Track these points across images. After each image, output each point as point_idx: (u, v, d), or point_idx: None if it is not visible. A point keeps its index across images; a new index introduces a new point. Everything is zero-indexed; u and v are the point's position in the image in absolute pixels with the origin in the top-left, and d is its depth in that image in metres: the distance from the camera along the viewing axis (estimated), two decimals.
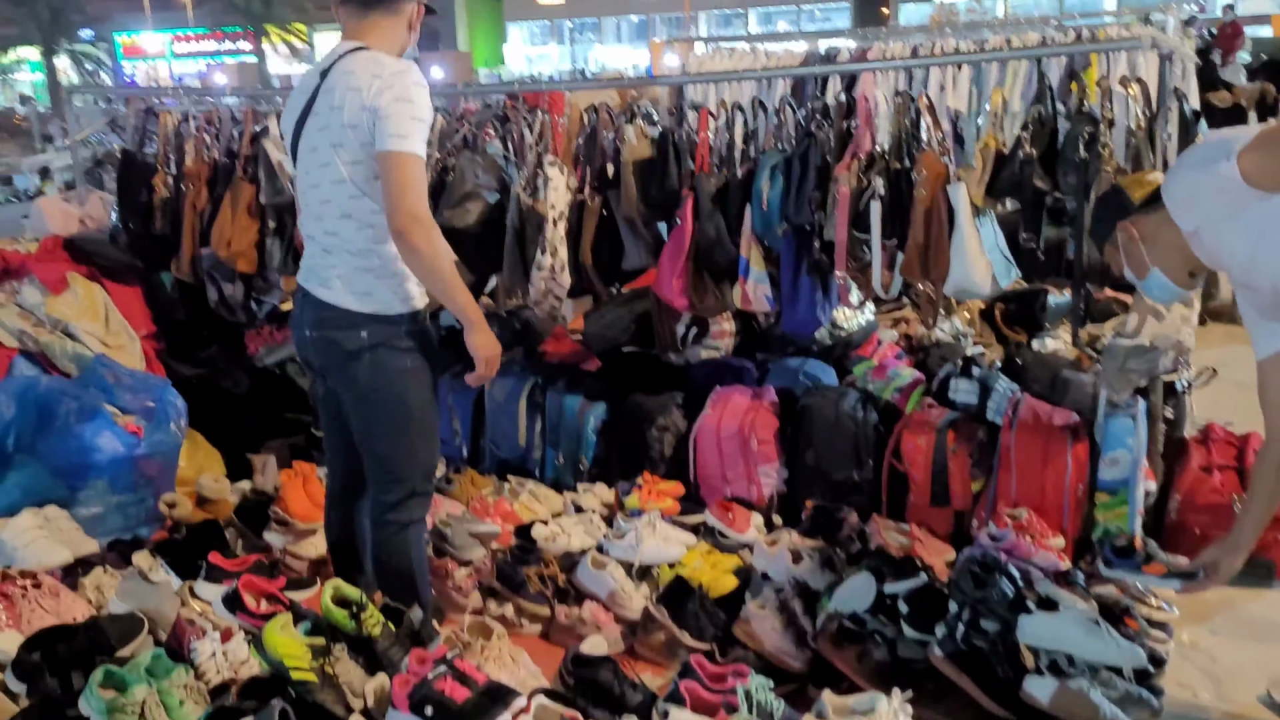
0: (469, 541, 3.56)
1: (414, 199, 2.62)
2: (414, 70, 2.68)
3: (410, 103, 2.62)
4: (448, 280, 2.70)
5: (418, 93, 2.64)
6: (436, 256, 2.66)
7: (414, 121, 2.62)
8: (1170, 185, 2.45)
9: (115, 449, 3.85)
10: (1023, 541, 3.20)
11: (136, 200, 4.48)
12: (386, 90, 2.61)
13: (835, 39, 10.02)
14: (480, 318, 2.78)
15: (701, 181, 3.80)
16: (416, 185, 2.63)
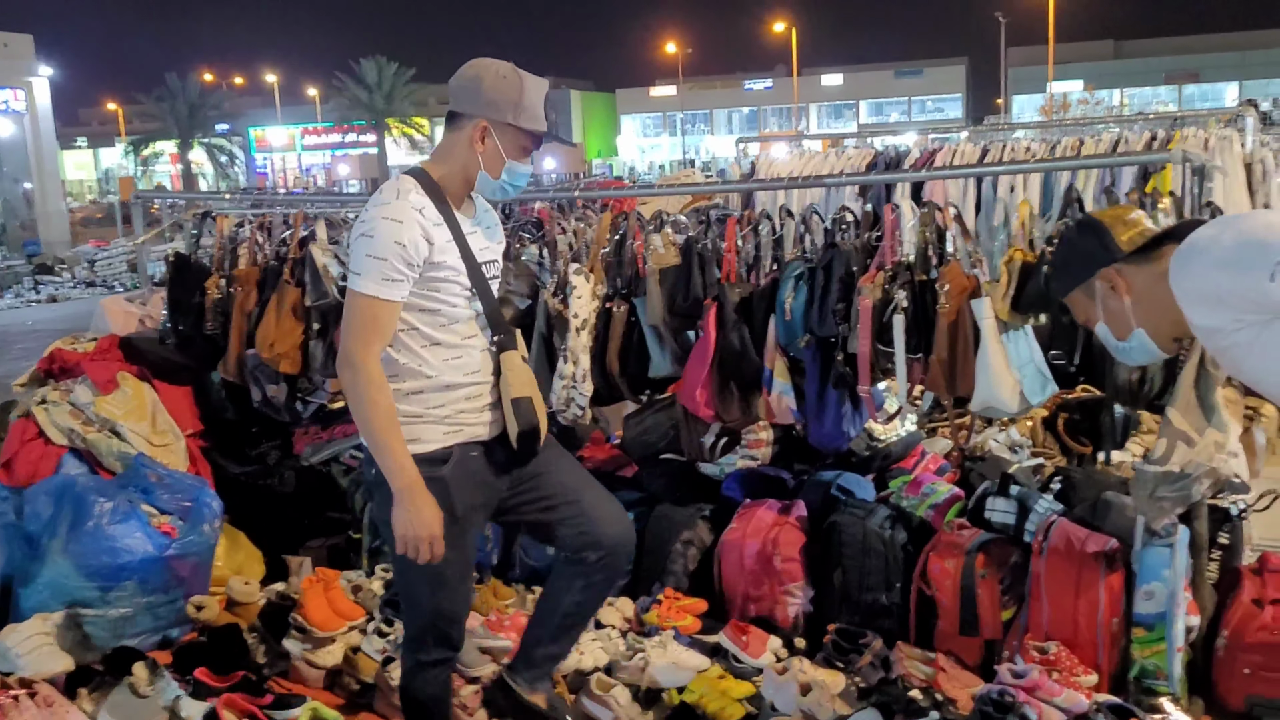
0: (479, 658, 3.50)
1: (349, 340, 2.53)
2: (396, 205, 2.54)
3: (369, 239, 2.51)
4: (371, 434, 2.55)
5: (383, 229, 2.51)
6: (359, 405, 2.53)
7: (368, 259, 2.50)
8: (1188, 276, 2.06)
9: (146, 549, 3.91)
10: (1046, 679, 3.00)
11: (189, 301, 4.63)
12: (360, 223, 2.57)
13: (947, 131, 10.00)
14: (410, 490, 2.53)
15: (725, 291, 3.76)
16: (355, 327, 2.53)
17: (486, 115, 2.62)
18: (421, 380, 2.63)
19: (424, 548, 2.55)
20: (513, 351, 2.74)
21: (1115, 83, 52.66)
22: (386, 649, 3.63)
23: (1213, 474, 2.98)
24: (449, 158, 2.68)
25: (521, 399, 2.69)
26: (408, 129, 57.96)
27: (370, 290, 2.51)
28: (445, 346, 2.66)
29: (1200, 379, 3.03)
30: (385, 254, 2.49)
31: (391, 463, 2.53)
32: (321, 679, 3.68)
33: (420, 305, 2.61)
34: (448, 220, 2.62)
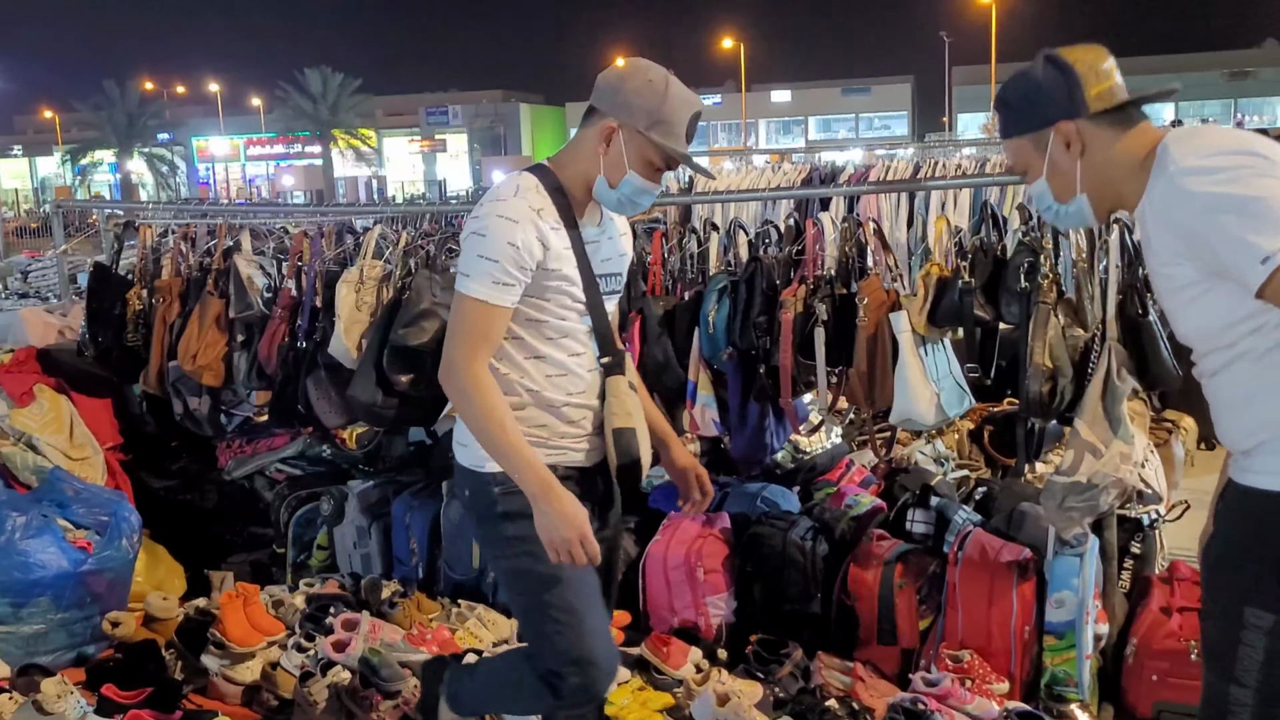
0: (398, 672, 3.47)
1: (454, 346, 2.34)
2: (512, 203, 2.34)
3: (481, 238, 2.32)
4: (491, 439, 2.32)
5: (497, 227, 2.30)
6: (472, 412, 2.33)
7: (479, 260, 2.31)
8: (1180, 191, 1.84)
9: (61, 565, 3.83)
10: (958, 688, 3.04)
11: (109, 312, 4.56)
12: (472, 219, 2.37)
13: (894, 147, 10.15)
14: (545, 489, 2.28)
15: (649, 304, 3.78)
16: (463, 332, 2.34)
17: (618, 116, 2.40)
18: (523, 395, 2.43)
19: (576, 548, 2.29)
20: (620, 377, 2.51)
21: None
22: (306, 664, 3.59)
23: (1119, 484, 3.04)
24: (575, 156, 2.47)
25: (625, 430, 2.46)
26: (354, 140, 57.56)
27: (480, 294, 2.31)
28: (549, 362, 2.45)
29: (1107, 391, 3.10)
30: (498, 255, 2.30)
31: (520, 464, 2.29)
32: (239, 695, 3.63)
33: (527, 314, 2.41)
34: (568, 225, 2.41)
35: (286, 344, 4.26)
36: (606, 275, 2.53)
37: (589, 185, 2.46)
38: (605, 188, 2.44)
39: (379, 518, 4.40)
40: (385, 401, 4.04)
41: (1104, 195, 2.07)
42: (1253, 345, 1.90)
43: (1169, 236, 1.90)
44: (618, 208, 2.51)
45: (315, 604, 3.91)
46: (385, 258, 4.18)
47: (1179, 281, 1.92)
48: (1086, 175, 2.06)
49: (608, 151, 2.41)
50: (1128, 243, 3.26)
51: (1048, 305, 3.18)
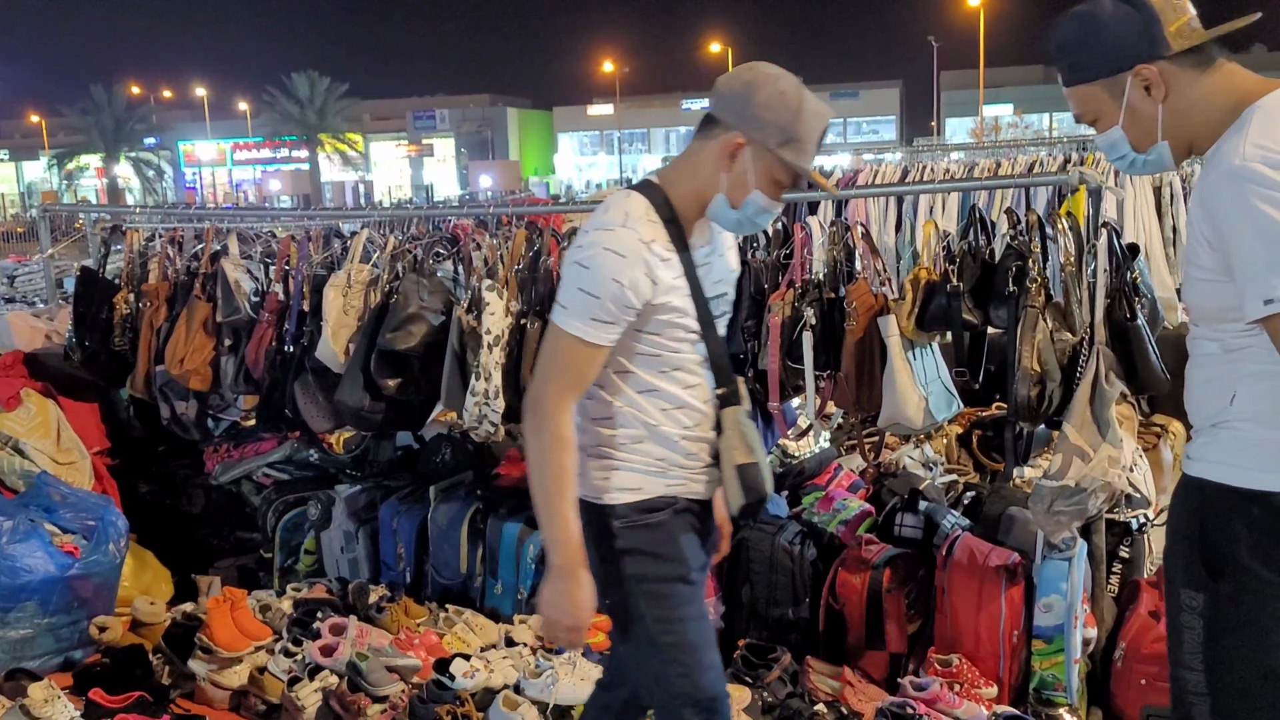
0: (385, 676, 3.46)
1: (543, 383, 2.18)
2: (620, 233, 2.14)
3: (584, 270, 2.13)
4: (543, 495, 2.17)
5: (603, 262, 2.11)
6: (539, 460, 2.17)
7: (580, 295, 2.13)
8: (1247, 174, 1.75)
9: (48, 569, 3.82)
10: (947, 692, 3.05)
11: (96, 317, 4.53)
12: (575, 248, 2.19)
13: (882, 152, 10.20)
14: (574, 569, 2.15)
15: None
16: (553, 370, 2.18)
17: (746, 131, 2.19)
18: (641, 429, 2.27)
19: (567, 636, 2.22)
20: (737, 408, 2.34)
21: (1045, 106, 53.83)
22: (293, 669, 3.58)
23: (1108, 488, 3.05)
24: (691, 172, 2.27)
25: (748, 465, 2.29)
26: (341, 145, 57.46)
27: (576, 330, 2.14)
28: (663, 395, 2.28)
29: (1095, 395, 3.10)
30: (600, 292, 2.11)
31: (558, 534, 2.16)
32: (227, 700, 3.62)
33: (636, 349, 2.24)
34: (679, 252, 2.22)
35: (274, 348, 4.24)
36: (717, 297, 2.36)
37: (704, 204, 2.27)
38: (725, 208, 2.26)
39: (366, 522, 4.39)
40: (372, 406, 4.03)
41: (1184, 140, 1.95)
42: (1228, 338, 1.91)
43: (1204, 218, 1.84)
44: (735, 228, 2.34)
45: (302, 608, 3.90)
46: (373, 262, 4.17)
47: (1198, 258, 1.89)
48: (1168, 121, 1.93)
49: (731, 169, 2.21)
50: (1116, 247, 3.27)
51: (1036, 309, 3.19)
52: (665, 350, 2.26)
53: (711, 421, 2.33)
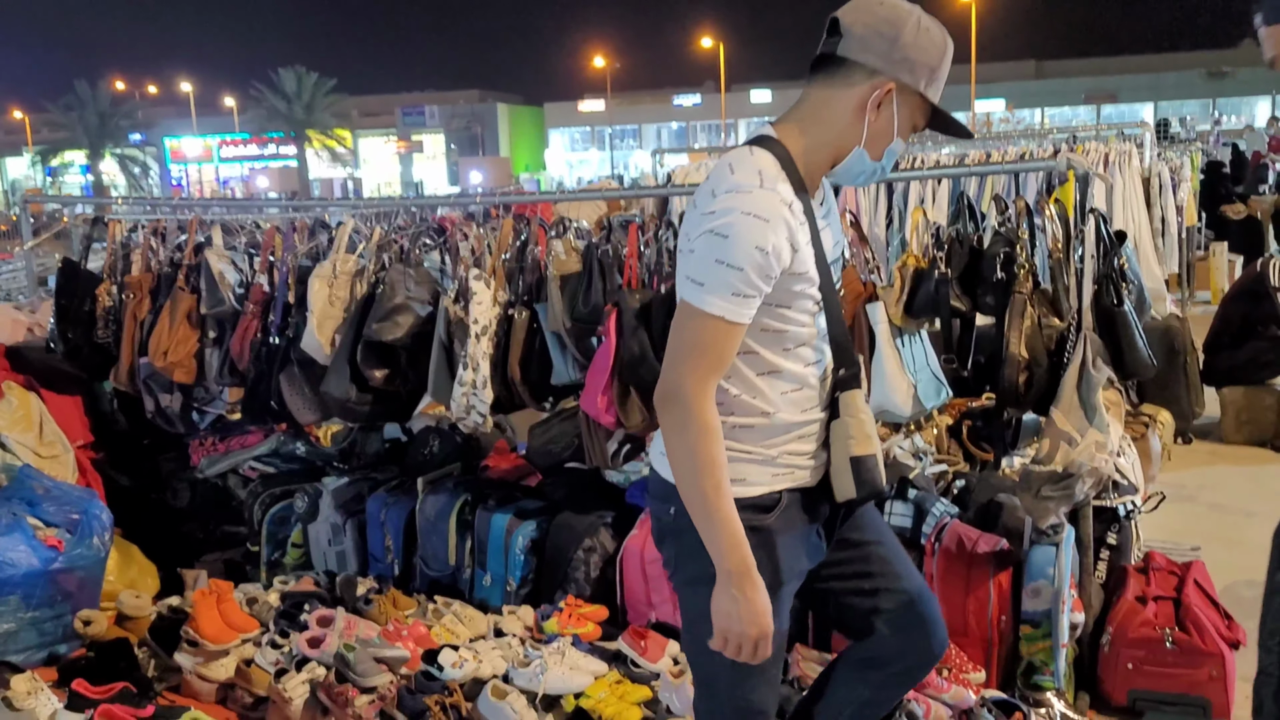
0: (373, 667, 3.44)
1: (679, 369, 1.94)
2: (759, 196, 1.92)
3: (722, 240, 1.89)
4: (696, 494, 1.95)
5: (743, 228, 1.88)
6: (683, 455, 1.95)
7: (719, 268, 1.89)
8: None
9: (31, 563, 3.78)
10: (935, 676, 3.04)
11: (79, 309, 4.50)
12: (704, 217, 1.94)
13: None
14: (746, 573, 1.93)
15: (625, 297, 3.74)
16: (691, 353, 1.93)
17: (897, 74, 1.99)
18: (757, 416, 2.07)
19: (750, 647, 1.97)
20: (858, 391, 2.15)
21: (1036, 102, 53.99)
22: (280, 661, 3.56)
23: (1095, 473, 3.05)
24: (821, 121, 2.04)
25: (867, 457, 2.10)
26: (329, 141, 57.30)
27: (717, 309, 1.90)
28: (785, 376, 2.08)
29: (1082, 381, 3.11)
30: (742, 262, 1.89)
31: (721, 536, 1.93)
32: (214, 693, 3.60)
33: (765, 324, 2.01)
34: (807, 214, 2.01)
35: (259, 340, 4.22)
36: (834, 262, 2.15)
37: (837, 158, 2.07)
38: (864, 161, 2.07)
39: (354, 515, 4.37)
40: (359, 397, 4.02)
41: None
42: None
43: None
44: (863, 181, 2.16)
45: (290, 601, 3.88)
46: (358, 252, 4.15)
47: None
48: None
49: (878, 117, 2.02)
50: (1103, 233, 3.27)
51: (1023, 296, 3.19)
52: (792, 325, 2.05)
53: (825, 400, 2.14)
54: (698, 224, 1.96)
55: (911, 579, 2.31)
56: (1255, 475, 5.76)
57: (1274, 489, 5.49)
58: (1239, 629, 3.40)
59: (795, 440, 2.12)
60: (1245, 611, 3.84)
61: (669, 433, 1.98)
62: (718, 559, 1.94)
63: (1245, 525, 4.98)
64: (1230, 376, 6.35)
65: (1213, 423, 6.44)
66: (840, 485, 2.11)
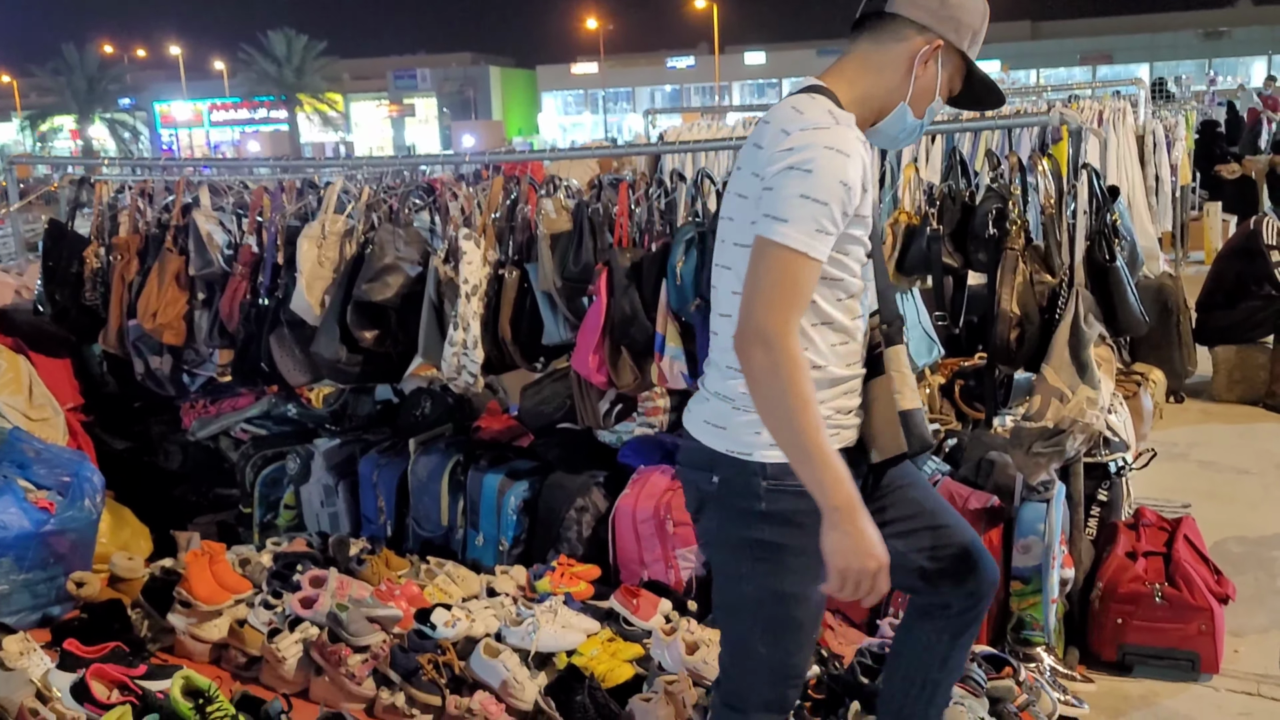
0: (366, 626, 3.45)
1: (767, 311, 1.86)
2: (840, 131, 1.90)
3: (806, 174, 1.86)
4: (795, 434, 1.86)
5: (827, 162, 1.86)
6: (779, 395, 1.85)
7: (803, 203, 1.85)
8: None
9: (23, 525, 3.78)
10: None
11: (66, 272, 4.47)
12: (784, 153, 1.89)
13: None
14: (853, 507, 1.86)
15: (616, 256, 3.73)
16: (779, 292, 1.86)
17: (944, 32, 2.01)
18: (809, 370, 1.97)
19: (869, 581, 1.88)
20: (901, 347, 2.15)
21: (1032, 63, 53.67)
22: (273, 621, 3.57)
23: (1086, 429, 3.05)
24: (869, 75, 2.04)
25: (914, 411, 2.10)
26: (320, 105, 56.87)
27: (801, 245, 1.85)
28: (835, 328, 2.03)
29: (1074, 337, 3.10)
30: (827, 197, 1.85)
31: (825, 474, 1.85)
32: (207, 653, 3.62)
33: (824, 270, 1.95)
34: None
35: (248, 301, 4.20)
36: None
37: (881, 114, 2.07)
38: (906, 118, 2.07)
39: (346, 476, 4.36)
40: (350, 358, 4.00)
41: None
42: None
43: None
44: (900, 142, 2.16)
45: (282, 562, 3.88)
46: (347, 212, 4.12)
47: None
48: None
49: (925, 74, 2.04)
50: (1096, 188, 3.25)
51: (1015, 252, 3.17)
52: (847, 273, 2.01)
53: (865, 356, 2.11)
54: (772, 161, 1.92)
55: (949, 514, 2.30)
56: (1246, 433, 5.78)
57: (1265, 447, 5.50)
58: (1229, 584, 3.41)
59: (842, 396, 2.07)
60: (1235, 567, 3.88)
61: (759, 376, 1.88)
62: (824, 497, 1.87)
63: (1236, 482, 5.01)
64: (1223, 335, 6.35)
65: (1204, 381, 6.45)
66: (886, 442, 2.08)
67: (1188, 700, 3.19)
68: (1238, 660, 3.40)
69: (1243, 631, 3.55)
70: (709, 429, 2.07)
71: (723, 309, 2.08)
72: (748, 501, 2.02)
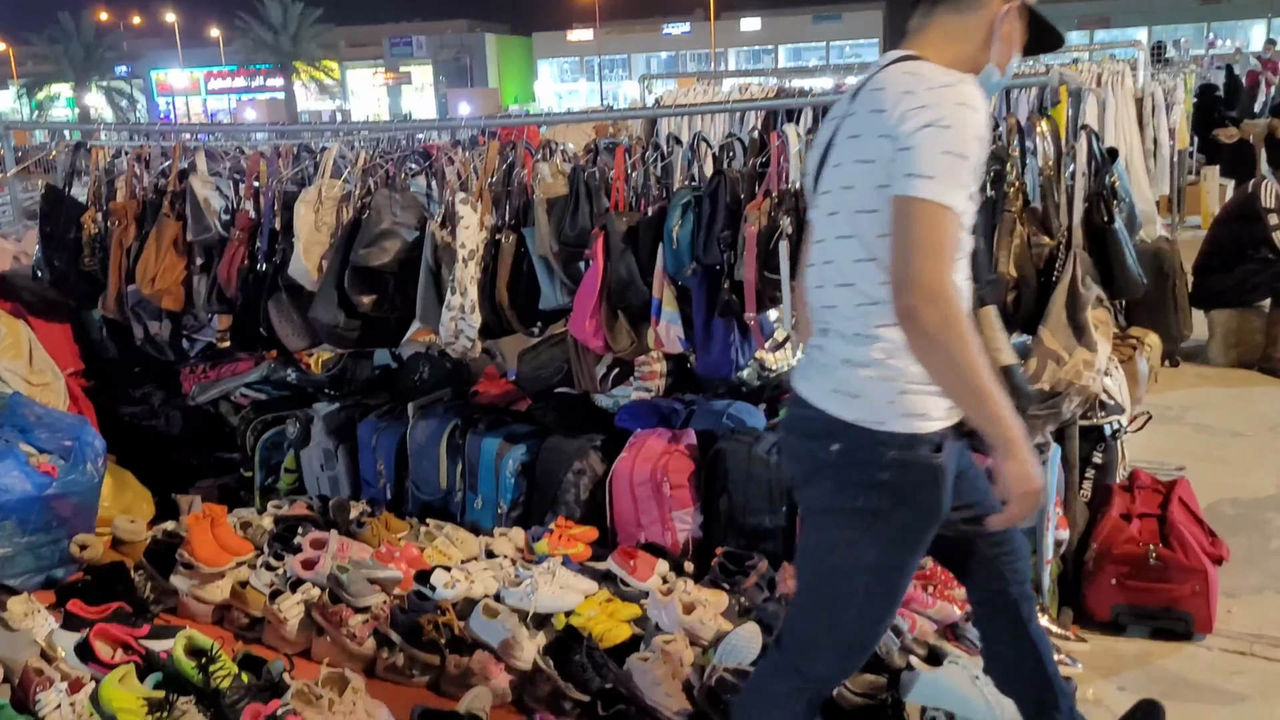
0: (366, 588, 3.48)
1: (931, 267, 1.87)
2: (966, 87, 1.94)
3: (947, 131, 1.89)
4: (969, 384, 1.90)
5: (963, 118, 1.90)
6: (955, 348, 1.87)
7: (948, 158, 1.88)
8: None
9: (25, 489, 3.81)
10: (920, 592, 3.08)
11: (64, 237, 4.47)
12: (917, 112, 1.91)
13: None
14: (1017, 435, 1.92)
15: (612, 220, 3.74)
16: (937, 248, 1.88)
17: None
18: None
19: (1034, 501, 1.97)
20: (992, 306, 2.23)
21: None
22: (275, 583, 3.60)
23: (1082, 391, 3.06)
24: (953, 44, 2.09)
25: (1015, 366, 2.14)
26: (316, 73, 56.49)
27: (947, 199, 1.88)
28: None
29: (1071, 299, 3.10)
30: (968, 151, 1.89)
31: (1000, 409, 1.90)
32: (210, 614, 3.65)
33: None
34: None
35: (246, 267, 4.20)
36: None
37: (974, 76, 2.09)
38: (992, 77, 2.13)
39: (345, 440, 4.39)
40: (348, 323, 4.01)
41: None
42: None
43: None
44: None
45: (283, 525, 3.91)
46: (344, 177, 4.11)
47: None
48: None
49: (1005, 34, 2.10)
50: (1095, 150, 3.24)
51: (1013, 214, 3.17)
52: (963, 231, 2.00)
53: None
54: (904, 120, 1.93)
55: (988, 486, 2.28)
56: (1242, 396, 5.80)
57: (1259, 410, 5.53)
58: (1222, 545, 3.44)
59: None
60: (1228, 528, 3.91)
61: (932, 333, 1.88)
62: (1000, 430, 1.91)
63: (1231, 445, 5.03)
64: (1220, 299, 6.36)
65: (1200, 345, 6.47)
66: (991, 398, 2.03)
67: (1181, 660, 3.22)
68: (1231, 620, 3.43)
69: (1236, 592, 3.58)
70: (837, 397, 2.06)
71: (844, 278, 2.07)
72: (868, 472, 2.03)
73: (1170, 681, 3.11)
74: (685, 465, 3.78)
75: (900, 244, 1.91)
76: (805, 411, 2.12)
